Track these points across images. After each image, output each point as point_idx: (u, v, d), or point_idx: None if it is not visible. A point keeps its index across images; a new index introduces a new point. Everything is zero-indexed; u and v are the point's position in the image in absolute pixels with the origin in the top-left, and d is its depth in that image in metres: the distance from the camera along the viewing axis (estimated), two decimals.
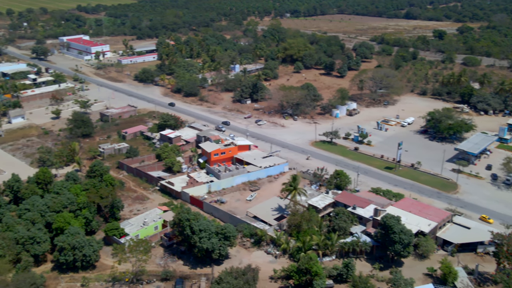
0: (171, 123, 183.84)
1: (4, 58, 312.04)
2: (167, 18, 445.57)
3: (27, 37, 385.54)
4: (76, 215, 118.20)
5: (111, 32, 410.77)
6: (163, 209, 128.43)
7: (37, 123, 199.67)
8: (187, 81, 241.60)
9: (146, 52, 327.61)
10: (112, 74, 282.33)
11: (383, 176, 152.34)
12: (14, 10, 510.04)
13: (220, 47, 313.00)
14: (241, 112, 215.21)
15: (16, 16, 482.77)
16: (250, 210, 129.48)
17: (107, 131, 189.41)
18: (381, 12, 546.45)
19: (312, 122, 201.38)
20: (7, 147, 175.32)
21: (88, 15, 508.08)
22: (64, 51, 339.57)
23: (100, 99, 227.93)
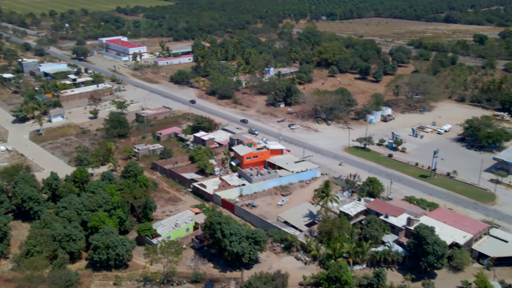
0: (205, 125, 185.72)
1: (46, 58, 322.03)
2: (204, 20, 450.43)
3: (68, 38, 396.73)
4: (110, 214, 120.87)
5: (149, 33, 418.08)
6: (195, 211, 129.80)
7: (75, 122, 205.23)
8: (222, 83, 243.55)
9: (182, 54, 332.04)
10: (148, 75, 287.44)
11: (418, 185, 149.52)
12: (56, 11, 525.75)
13: (255, 50, 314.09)
14: (274, 115, 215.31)
15: (58, 17, 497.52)
16: (281, 215, 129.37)
17: (142, 132, 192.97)
18: (420, 15, 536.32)
19: (346, 127, 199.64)
20: (47, 146, 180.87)
21: (126, 17, 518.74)
22: (103, 52, 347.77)
23: (136, 100, 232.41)
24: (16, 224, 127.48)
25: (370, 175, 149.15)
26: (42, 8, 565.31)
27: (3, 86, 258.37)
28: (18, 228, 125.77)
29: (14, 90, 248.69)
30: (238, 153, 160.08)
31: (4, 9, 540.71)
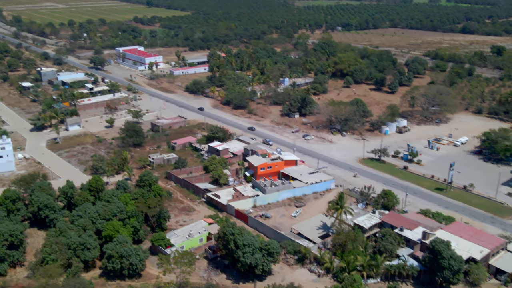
0: (219, 136, 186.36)
1: (64, 67, 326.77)
2: (219, 30, 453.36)
3: (86, 47, 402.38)
4: (124, 223, 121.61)
5: (165, 43, 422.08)
6: (209, 222, 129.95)
7: (91, 131, 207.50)
8: (237, 93, 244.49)
9: (197, 64, 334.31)
10: (164, 84, 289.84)
11: (433, 198, 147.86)
12: (75, 21, 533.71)
13: (270, 60, 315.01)
14: (289, 126, 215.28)
15: (77, 27, 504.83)
16: (295, 226, 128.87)
17: (157, 141, 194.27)
18: (436, 26, 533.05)
19: (361, 139, 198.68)
20: (63, 154, 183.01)
21: (143, 27, 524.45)
22: (120, 61, 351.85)
23: (151, 109, 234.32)
24: (32, 231, 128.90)
25: (385, 187, 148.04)
26: (61, 18, 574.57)
27: (22, 94, 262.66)
28: (34, 236, 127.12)
29: (33, 99, 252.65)
30: (252, 163, 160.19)
31: (24, 19, 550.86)
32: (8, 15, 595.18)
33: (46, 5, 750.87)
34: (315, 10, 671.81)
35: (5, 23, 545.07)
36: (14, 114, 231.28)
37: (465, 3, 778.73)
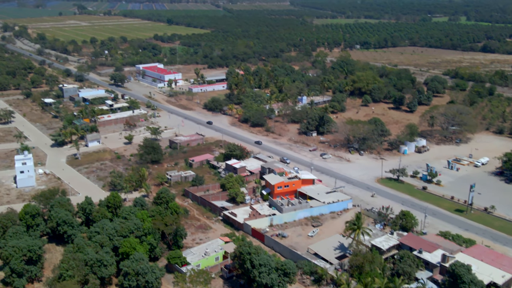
0: (237, 153, 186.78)
1: (86, 84, 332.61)
2: (238, 48, 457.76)
3: (107, 64, 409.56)
4: (141, 240, 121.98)
5: (184, 60, 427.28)
6: (225, 240, 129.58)
7: (110, 147, 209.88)
8: (254, 111, 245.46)
9: (216, 81, 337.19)
10: (182, 102, 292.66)
11: (453, 219, 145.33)
12: (97, 38, 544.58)
13: (289, 78, 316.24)
14: (306, 144, 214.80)
15: (98, 44, 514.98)
16: (312, 246, 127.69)
17: (175, 158, 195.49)
18: (456, 45, 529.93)
19: (379, 158, 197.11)
20: (82, 170, 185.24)
21: (163, 44, 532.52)
22: (140, 78, 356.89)
23: (170, 126, 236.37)
24: (50, 247, 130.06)
25: (403, 208, 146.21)
26: (84, 36, 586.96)
27: (44, 110, 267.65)
28: (52, 251, 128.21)
29: (54, 115, 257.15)
30: (269, 182, 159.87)
31: (48, 36, 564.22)
32: (33, 32, 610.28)
33: (70, 23, 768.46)
34: (334, 28, 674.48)
35: (30, 40, 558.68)
36: (36, 129, 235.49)
37: (486, 22, 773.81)
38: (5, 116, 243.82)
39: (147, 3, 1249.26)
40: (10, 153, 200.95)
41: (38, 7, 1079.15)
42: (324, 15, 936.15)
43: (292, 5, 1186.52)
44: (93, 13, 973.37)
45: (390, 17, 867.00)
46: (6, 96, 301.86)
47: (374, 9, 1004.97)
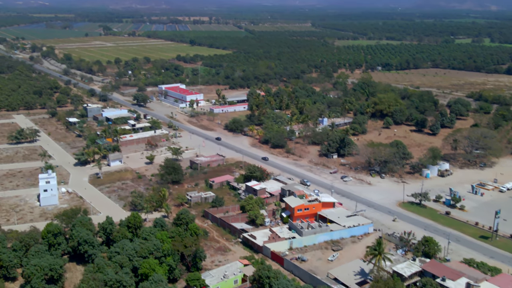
0: (257, 175, 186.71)
1: (109, 104, 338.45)
2: (259, 69, 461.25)
3: (130, 84, 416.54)
4: (160, 262, 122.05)
5: (206, 81, 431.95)
6: (244, 263, 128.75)
7: (132, 167, 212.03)
8: (275, 132, 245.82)
9: (237, 102, 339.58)
10: (204, 122, 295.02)
11: (478, 246, 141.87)
12: (121, 59, 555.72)
13: (310, 99, 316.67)
14: (327, 166, 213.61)
15: (122, 64, 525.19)
16: (331, 271, 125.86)
17: (195, 179, 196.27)
18: (480, 67, 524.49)
19: (400, 181, 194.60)
20: (104, 189, 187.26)
21: (186, 65, 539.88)
22: (162, 98, 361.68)
23: (191, 147, 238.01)
24: (71, 266, 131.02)
25: (425, 233, 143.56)
26: (108, 56, 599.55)
27: (68, 129, 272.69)
28: (73, 271, 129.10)
29: (78, 134, 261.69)
30: (289, 204, 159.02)
31: (74, 56, 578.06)
32: (60, 53, 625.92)
33: (95, 44, 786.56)
34: (355, 50, 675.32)
35: (56, 60, 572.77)
36: (60, 148, 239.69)
37: (510, 44, 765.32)
38: (31, 135, 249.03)
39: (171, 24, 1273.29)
40: (35, 171, 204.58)
41: (65, 28, 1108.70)
42: (346, 36, 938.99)
43: (314, 26, 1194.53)
44: (118, 34, 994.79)
45: (412, 39, 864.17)
46: (33, 115, 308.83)
47: (396, 31, 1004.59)
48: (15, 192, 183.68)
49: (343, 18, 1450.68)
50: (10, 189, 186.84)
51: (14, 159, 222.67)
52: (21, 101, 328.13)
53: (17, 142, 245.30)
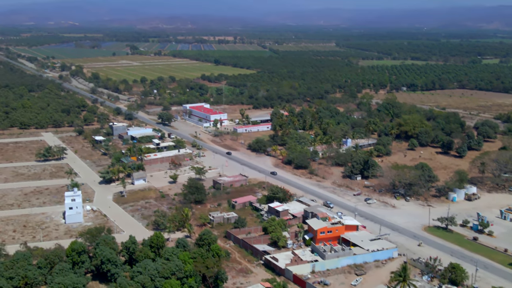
0: (279, 196, 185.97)
1: (134, 123, 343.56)
2: (283, 89, 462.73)
3: (156, 103, 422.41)
4: (182, 283, 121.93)
5: (230, 101, 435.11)
6: (266, 286, 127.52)
7: (156, 186, 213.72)
8: (298, 153, 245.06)
9: (260, 122, 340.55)
10: (227, 142, 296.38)
11: (507, 274, 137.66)
12: (147, 78, 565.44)
13: (333, 120, 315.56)
14: (350, 188, 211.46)
15: (148, 83, 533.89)
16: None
17: (218, 199, 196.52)
18: (508, 87, 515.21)
19: (426, 205, 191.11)
20: (128, 207, 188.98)
21: (210, 84, 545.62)
22: (186, 117, 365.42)
23: (214, 166, 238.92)
24: (94, 285, 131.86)
25: (452, 260, 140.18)
26: (134, 75, 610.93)
27: (94, 148, 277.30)
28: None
29: (103, 152, 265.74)
30: (312, 226, 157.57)
31: (101, 75, 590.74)
32: (88, 72, 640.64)
33: (122, 63, 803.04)
34: (380, 70, 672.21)
35: (84, 79, 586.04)
36: (85, 166, 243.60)
37: None
38: (58, 153, 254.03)
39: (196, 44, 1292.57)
40: (61, 188, 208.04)
41: (94, 47, 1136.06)
42: (370, 56, 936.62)
43: (338, 46, 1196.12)
44: (144, 53, 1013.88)
45: (438, 59, 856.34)
46: (60, 133, 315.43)
47: (421, 51, 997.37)
48: (41, 209, 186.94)
49: (367, 38, 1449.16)
50: (37, 206, 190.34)
51: (42, 176, 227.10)
52: (49, 119, 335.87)
53: (44, 160, 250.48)
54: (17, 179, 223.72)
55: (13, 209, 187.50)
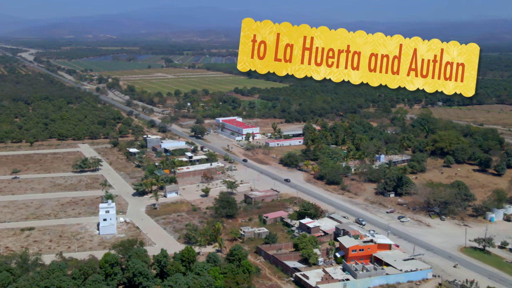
0: (311, 212, 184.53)
1: (168, 135, 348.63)
2: (316, 103, 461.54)
3: (189, 116, 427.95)
4: None
5: (262, 114, 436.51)
6: None
7: (188, 199, 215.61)
8: (330, 168, 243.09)
9: (292, 136, 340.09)
10: (259, 156, 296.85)
11: None
12: (181, 91, 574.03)
13: (366, 135, 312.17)
14: (383, 205, 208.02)
15: (182, 96, 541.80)
16: None
17: (249, 214, 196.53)
18: None
19: (462, 225, 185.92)
20: (160, 220, 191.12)
21: (243, 97, 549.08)
22: (219, 131, 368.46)
23: (245, 180, 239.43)
24: None
25: (490, 283, 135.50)
26: (169, 88, 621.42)
27: (129, 160, 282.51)
28: None
29: (137, 164, 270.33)
30: (343, 244, 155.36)
31: (137, 88, 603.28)
32: (124, 84, 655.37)
33: (157, 76, 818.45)
34: None
35: (120, 91, 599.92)
36: (120, 178, 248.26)
37: None
38: (94, 164, 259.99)
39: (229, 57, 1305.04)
40: (96, 200, 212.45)
41: (130, 60, 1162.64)
42: None
43: None
44: (178, 66, 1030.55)
45: None
46: (96, 145, 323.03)
47: None
48: (77, 220, 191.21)
49: None
50: (72, 217, 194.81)
51: (78, 187, 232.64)
52: (86, 131, 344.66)
53: (81, 171, 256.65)
54: (55, 189, 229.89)
55: (50, 219, 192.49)
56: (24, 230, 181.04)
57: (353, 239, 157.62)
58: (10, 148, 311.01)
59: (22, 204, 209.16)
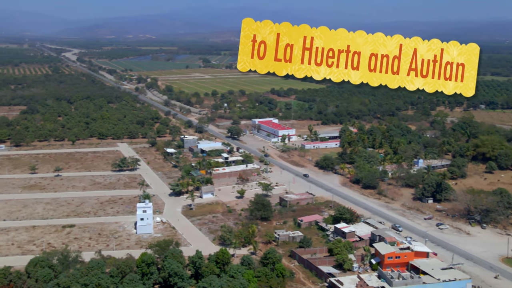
0: (346, 217, 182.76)
1: (204, 136, 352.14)
2: (353, 105, 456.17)
3: (225, 117, 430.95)
4: None
5: (298, 116, 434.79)
6: None
7: (223, 200, 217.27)
8: (367, 172, 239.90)
9: (329, 138, 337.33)
10: (294, 158, 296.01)
11: None
12: (218, 91, 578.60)
13: (404, 139, 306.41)
14: (421, 212, 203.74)
15: (219, 97, 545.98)
16: None
17: (284, 217, 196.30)
18: None
19: (504, 234, 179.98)
20: (195, 221, 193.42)
21: (279, 98, 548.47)
22: (255, 132, 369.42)
23: (280, 183, 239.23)
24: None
25: None
26: (206, 88, 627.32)
27: (166, 160, 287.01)
28: None
29: (174, 164, 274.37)
30: (379, 251, 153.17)
31: (175, 88, 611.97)
32: (162, 84, 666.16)
33: (195, 76, 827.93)
34: None
35: (158, 91, 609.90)
36: (157, 177, 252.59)
37: None
38: (132, 164, 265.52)
39: None
40: (133, 199, 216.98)
41: (169, 60, 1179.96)
42: None
43: None
44: (216, 67, 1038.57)
45: None
46: (134, 144, 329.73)
47: (503, 66, 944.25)
48: (115, 218, 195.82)
49: None
50: (111, 215, 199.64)
51: (116, 186, 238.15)
52: (125, 130, 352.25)
53: (119, 170, 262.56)
54: (94, 187, 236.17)
55: (90, 217, 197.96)
56: (65, 227, 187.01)
57: (389, 245, 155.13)
58: (53, 146, 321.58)
59: (64, 201, 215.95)
